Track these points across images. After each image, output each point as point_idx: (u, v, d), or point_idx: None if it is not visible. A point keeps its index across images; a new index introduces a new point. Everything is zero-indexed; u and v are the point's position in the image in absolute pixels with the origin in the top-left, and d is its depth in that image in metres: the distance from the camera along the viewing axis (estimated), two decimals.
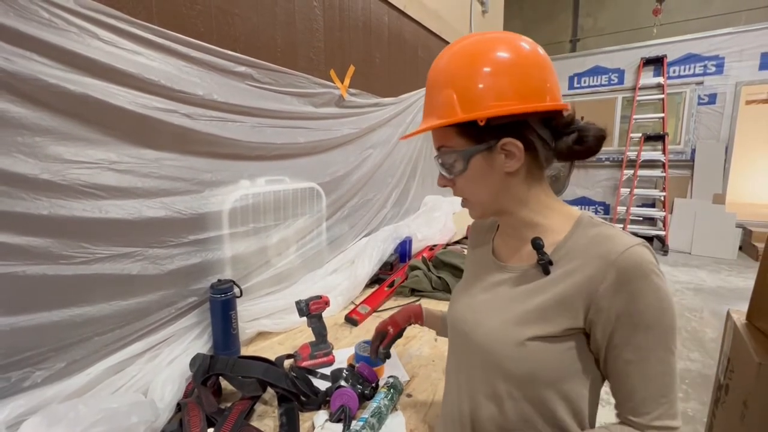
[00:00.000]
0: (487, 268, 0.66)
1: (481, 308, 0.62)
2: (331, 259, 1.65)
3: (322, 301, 1.10)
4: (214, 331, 1.09)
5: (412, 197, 2.47)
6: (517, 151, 0.53)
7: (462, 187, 0.59)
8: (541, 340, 0.53)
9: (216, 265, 1.15)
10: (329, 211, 1.65)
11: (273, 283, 1.35)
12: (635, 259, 0.49)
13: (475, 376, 0.61)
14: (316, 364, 1.05)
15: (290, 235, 1.43)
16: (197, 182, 1.12)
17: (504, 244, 0.66)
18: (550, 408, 0.55)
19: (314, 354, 1.07)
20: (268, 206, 1.34)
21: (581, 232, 0.55)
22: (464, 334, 0.63)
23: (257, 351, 1.17)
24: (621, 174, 5.54)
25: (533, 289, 0.57)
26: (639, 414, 0.51)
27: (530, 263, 0.59)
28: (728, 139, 5.05)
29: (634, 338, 0.49)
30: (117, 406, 0.64)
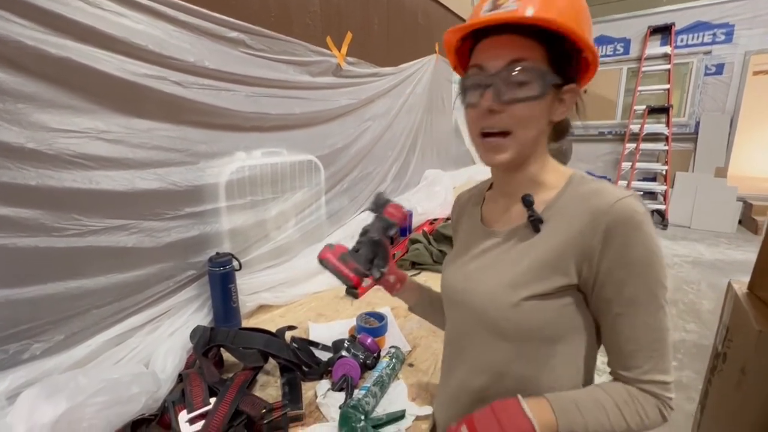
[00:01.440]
0: (476, 236, 0.65)
1: (473, 275, 0.61)
2: (331, 233, 1.64)
3: (402, 215, 0.74)
4: (214, 304, 1.08)
5: (412, 171, 2.44)
6: (572, 101, 0.52)
7: (515, 116, 0.51)
8: (536, 299, 0.52)
9: (214, 238, 1.13)
10: (328, 185, 1.62)
11: (272, 256, 1.34)
12: (625, 211, 0.48)
13: (473, 343, 0.60)
14: (338, 269, 0.72)
15: (289, 208, 1.41)
16: (192, 153, 1.09)
17: (493, 210, 0.64)
18: (549, 367, 0.54)
19: (346, 258, 0.73)
20: (265, 179, 1.31)
21: (572, 189, 0.54)
22: (459, 303, 0.62)
23: (258, 324, 1.17)
24: (623, 148, 5.47)
25: (524, 248, 0.55)
26: (629, 368, 0.51)
27: (519, 223, 0.57)
28: (734, 111, 4.96)
29: (624, 290, 0.49)
30: (118, 376, 0.64)
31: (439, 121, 2.85)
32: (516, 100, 0.51)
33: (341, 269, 0.72)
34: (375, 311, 1.11)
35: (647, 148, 5.30)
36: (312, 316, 1.22)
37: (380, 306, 1.26)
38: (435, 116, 2.77)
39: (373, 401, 0.78)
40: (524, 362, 0.55)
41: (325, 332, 1.11)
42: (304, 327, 1.14)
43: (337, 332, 1.10)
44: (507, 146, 0.53)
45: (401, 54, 2.26)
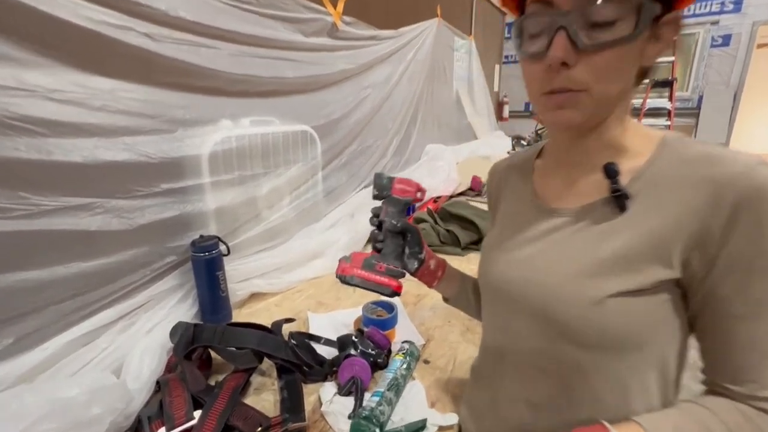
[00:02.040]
0: (528, 215, 0.52)
1: (532, 263, 0.48)
2: (329, 212, 1.50)
3: (415, 187, 0.62)
4: (200, 294, 0.95)
5: (413, 145, 2.29)
6: (671, 36, 0.40)
7: (597, 68, 0.38)
8: (626, 296, 0.40)
9: (197, 219, 0.99)
10: (325, 159, 1.47)
11: (265, 239, 1.20)
12: (761, 182, 0.35)
13: (528, 347, 0.48)
14: (368, 278, 0.59)
15: (282, 185, 1.26)
16: (167, 120, 0.93)
17: (551, 183, 0.51)
18: (634, 381, 0.43)
19: (371, 263, 0.60)
20: (255, 151, 1.15)
21: (670, 154, 0.41)
22: (509, 297, 0.50)
23: (251, 314, 1.05)
24: None
25: (604, 231, 0.43)
26: (742, 382, 0.39)
27: (594, 199, 0.44)
28: (738, 85, 4.83)
29: (751, 288, 0.37)
30: (75, 393, 0.51)
31: (441, 92, 2.68)
32: (600, 46, 0.37)
33: (372, 278, 0.59)
34: (382, 300, 0.98)
35: (648, 124, 5.17)
36: (311, 304, 1.09)
37: None
38: (436, 86, 2.59)
39: (388, 409, 0.66)
40: (600, 375, 0.43)
41: (326, 323, 0.99)
42: (302, 317, 1.02)
43: (340, 323, 0.99)
44: (580, 103, 0.40)
45: (401, 16, 2.07)
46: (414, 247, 0.63)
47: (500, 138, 3.00)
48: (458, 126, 2.97)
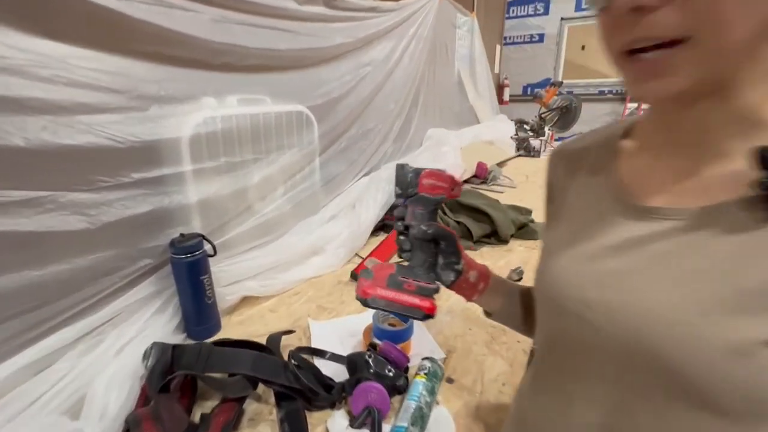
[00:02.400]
0: (611, 214, 0.39)
1: (624, 283, 0.35)
2: (327, 203, 1.36)
3: (448, 182, 0.49)
4: (183, 302, 0.81)
5: (415, 130, 2.14)
6: None
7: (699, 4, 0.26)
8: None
9: (177, 214, 0.84)
10: (323, 144, 1.32)
11: (257, 235, 1.06)
12: None
13: (615, 403, 0.36)
14: (396, 300, 0.48)
15: (276, 173, 1.11)
16: (137, 96, 0.77)
17: (650, 172, 0.38)
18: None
19: (398, 281, 0.48)
20: (244, 134, 1.00)
21: None
22: (589, 327, 0.37)
23: (243, 322, 0.91)
24: (624, 108, 5.23)
25: (748, 247, 0.30)
26: None
27: (724, 198, 0.31)
28: None
29: None
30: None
31: (442, 73, 2.52)
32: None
33: (400, 299, 0.47)
34: None
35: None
36: (311, 309, 0.96)
37: None
38: (438, 67, 2.43)
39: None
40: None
41: (330, 333, 0.86)
42: (302, 325, 0.89)
43: (346, 332, 0.86)
44: (678, 65, 0.28)
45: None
46: (450, 256, 0.50)
47: (503, 122, 2.87)
48: (460, 109, 2.82)
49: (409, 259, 0.52)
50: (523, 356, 0.79)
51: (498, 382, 0.72)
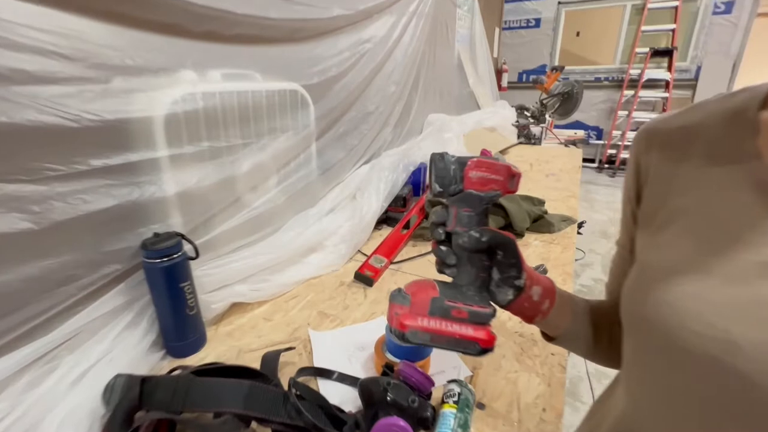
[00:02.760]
0: (752, 214, 0.28)
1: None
2: (325, 193, 1.23)
3: (504, 172, 0.39)
4: (160, 314, 0.68)
5: (415, 115, 2.00)
6: None
7: None
8: None
9: (150, 209, 0.70)
10: (320, 127, 1.18)
11: (247, 231, 0.93)
12: None
13: None
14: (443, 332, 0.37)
15: (268, 160, 0.98)
16: (95, 65, 0.63)
17: None
18: None
19: (444, 307, 0.38)
20: (230, 115, 0.86)
21: None
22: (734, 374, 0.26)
23: (233, 333, 0.79)
24: (621, 95, 5.15)
25: None
26: None
27: None
28: (737, 55, 4.67)
29: None
30: None
31: (443, 55, 2.37)
32: None
33: (449, 332, 0.37)
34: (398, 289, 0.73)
35: (646, 96, 5.00)
36: (311, 316, 0.84)
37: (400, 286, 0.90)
38: (438, 48, 2.29)
39: None
40: None
41: (334, 345, 0.74)
42: (301, 336, 0.77)
43: (353, 345, 0.74)
44: None
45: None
46: (508, 269, 0.39)
47: (504, 108, 2.75)
48: (459, 94, 2.68)
49: (455, 276, 0.41)
50: (559, 372, 0.68)
51: (537, 406, 0.61)
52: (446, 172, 0.39)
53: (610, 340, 0.47)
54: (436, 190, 0.40)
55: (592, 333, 0.47)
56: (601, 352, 0.48)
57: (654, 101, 5.16)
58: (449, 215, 0.40)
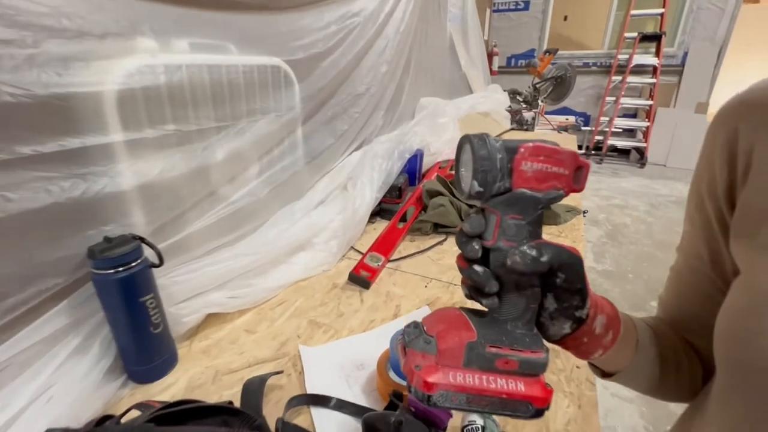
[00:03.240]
0: None
1: None
2: (313, 184, 1.11)
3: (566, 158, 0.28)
4: (117, 334, 0.56)
5: (406, 98, 1.88)
6: None
7: None
8: None
9: (101, 207, 0.58)
10: (306, 110, 1.05)
11: (225, 229, 0.80)
12: None
13: None
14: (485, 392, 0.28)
15: (247, 146, 0.85)
16: (23, 26, 0.49)
17: None
18: None
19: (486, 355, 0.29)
20: (201, 93, 0.73)
21: None
22: None
23: (209, 350, 0.68)
24: (609, 81, 5.11)
25: None
26: None
27: None
28: (723, 41, 4.68)
29: None
30: None
31: (435, 35, 2.24)
32: None
33: (497, 391, 0.28)
34: None
35: (633, 82, 4.98)
36: (301, 327, 0.74)
37: (406, 299, 0.80)
38: (430, 28, 2.15)
39: None
40: None
41: (329, 365, 0.64)
42: (290, 352, 0.67)
43: (352, 363, 0.64)
44: None
45: None
46: (570, 297, 0.29)
47: (497, 92, 2.65)
48: (451, 77, 2.56)
49: (495, 308, 0.30)
50: (589, 390, 0.60)
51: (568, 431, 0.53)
52: (491, 163, 0.27)
53: (678, 371, 0.38)
54: (474, 189, 0.28)
55: (659, 367, 0.37)
56: (667, 387, 0.39)
57: (641, 87, 5.15)
58: (488, 224, 0.29)
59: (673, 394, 0.40)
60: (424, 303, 0.79)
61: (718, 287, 0.36)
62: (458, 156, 0.31)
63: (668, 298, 0.42)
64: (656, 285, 2.57)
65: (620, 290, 2.53)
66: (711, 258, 0.36)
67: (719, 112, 0.34)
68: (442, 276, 0.90)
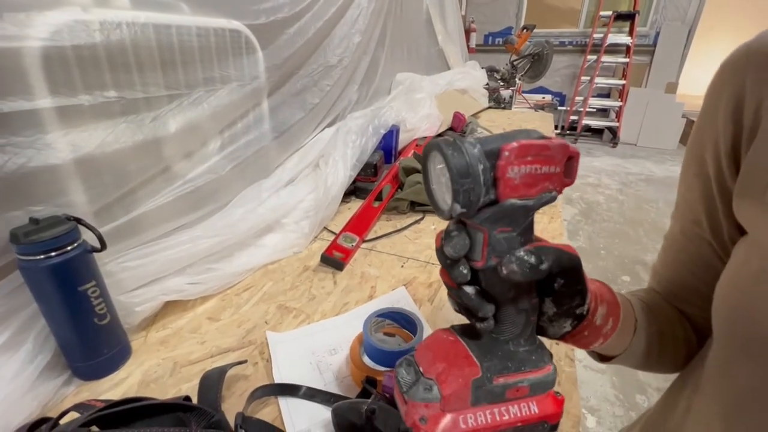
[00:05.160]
0: None
1: None
2: (282, 161, 1.04)
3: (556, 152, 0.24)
4: (55, 328, 0.50)
5: (382, 73, 1.80)
6: None
7: None
8: None
9: (27, 183, 0.50)
10: (272, 80, 0.97)
11: (183, 209, 0.74)
12: None
13: None
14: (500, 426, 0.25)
15: (205, 119, 0.77)
16: None
17: None
18: None
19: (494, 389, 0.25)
20: (147, 57, 0.65)
21: None
22: None
23: (167, 340, 0.62)
24: (584, 60, 5.14)
25: None
26: None
27: None
28: (694, 20, 4.76)
29: None
30: None
31: (410, 8, 2.15)
32: None
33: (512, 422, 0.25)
34: (394, 309, 0.59)
35: (607, 61, 5.03)
36: (270, 313, 0.69)
37: (381, 280, 0.77)
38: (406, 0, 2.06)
39: None
40: None
41: (300, 351, 0.60)
42: (256, 340, 0.62)
43: (324, 347, 0.60)
44: None
45: None
46: (571, 298, 0.26)
47: (475, 69, 2.60)
48: (428, 53, 2.48)
49: (493, 330, 0.26)
50: (569, 366, 0.58)
51: None
52: (473, 179, 0.22)
53: (675, 344, 0.36)
54: (457, 212, 0.23)
55: (657, 344, 0.35)
56: (664, 361, 0.37)
57: (615, 67, 5.21)
58: (474, 243, 0.25)
59: (670, 366, 0.38)
60: (400, 283, 0.76)
61: (717, 254, 0.33)
62: (426, 166, 0.26)
63: (663, 268, 0.40)
64: (626, 260, 2.65)
65: (593, 266, 2.59)
66: (710, 224, 0.33)
67: (723, 66, 0.30)
68: (420, 255, 0.87)
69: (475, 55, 3.88)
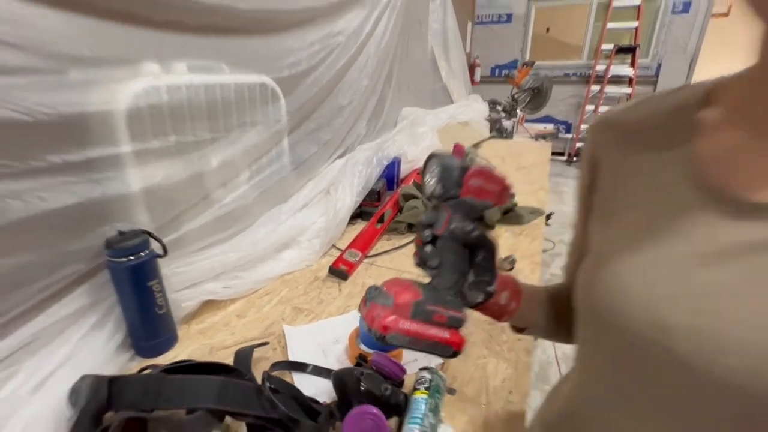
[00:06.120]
0: (697, 208, 0.30)
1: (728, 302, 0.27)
2: (298, 189, 1.22)
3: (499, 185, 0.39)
4: (127, 314, 0.66)
5: (388, 109, 2.01)
6: None
7: None
8: None
9: (114, 207, 0.68)
10: (292, 122, 1.17)
11: (217, 228, 0.91)
12: None
13: None
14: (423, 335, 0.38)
15: (238, 155, 0.96)
16: (50, 55, 0.60)
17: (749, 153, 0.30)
18: None
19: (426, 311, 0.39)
20: (197, 109, 0.84)
21: None
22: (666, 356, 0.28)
23: (205, 331, 0.78)
24: (587, 90, 5.33)
25: None
26: None
27: None
28: (694, 52, 4.92)
29: None
30: None
31: (416, 49, 2.38)
32: None
33: (428, 334, 0.39)
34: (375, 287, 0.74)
35: (611, 92, 5.20)
36: (286, 312, 0.84)
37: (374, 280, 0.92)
38: (411, 42, 2.29)
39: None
40: None
41: (309, 340, 0.75)
42: (275, 332, 0.77)
43: (328, 338, 0.75)
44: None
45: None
46: (483, 273, 0.41)
47: (477, 102, 2.79)
48: (433, 88, 2.71)
49: (434, 278, 0.42)
50: (525, 356, 0.71)
51: (504, 389, 0.64)
52: (449, 175, 0.39)
53: (569, 323, 0.50)
54: (437, 192, 0.40)
55: (554, 320, 0.49)
56: (562, 334, 0.50)
57: (618, 96, 5.36)
58: (439, 218, 0.41)
59: (568, 338, 0.52)
60: None
61: None
62: (426, 166, 0.43)
63: (566, 265, 0.54)
64: None
65: None
66: (583, 231, 0.48)
67: (589, 125, 0.46)
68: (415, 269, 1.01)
69: (480, 87, 4.11)
